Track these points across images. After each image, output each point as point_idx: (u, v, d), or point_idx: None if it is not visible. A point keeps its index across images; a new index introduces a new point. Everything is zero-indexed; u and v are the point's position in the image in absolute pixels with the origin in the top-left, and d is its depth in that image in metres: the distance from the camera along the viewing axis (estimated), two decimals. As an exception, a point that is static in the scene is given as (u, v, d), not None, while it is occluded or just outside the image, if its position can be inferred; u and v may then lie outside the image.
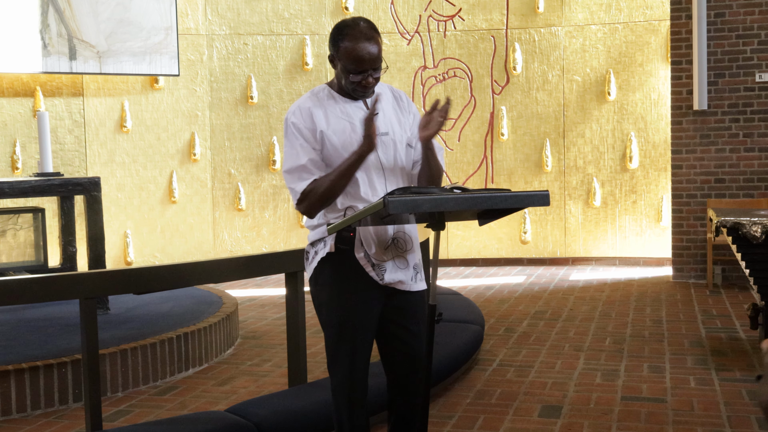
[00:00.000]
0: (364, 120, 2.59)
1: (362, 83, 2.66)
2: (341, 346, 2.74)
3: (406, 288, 2.77)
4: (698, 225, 7.61)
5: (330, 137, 2.68)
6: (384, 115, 2.76)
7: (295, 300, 4.24)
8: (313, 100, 2.73)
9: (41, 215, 6.30)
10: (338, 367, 2.75)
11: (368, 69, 2.64)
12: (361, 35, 2.63)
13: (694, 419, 3.93)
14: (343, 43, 2.64)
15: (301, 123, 2.69)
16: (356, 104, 2.75)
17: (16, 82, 7.85)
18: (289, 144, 2.70)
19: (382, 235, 2.71)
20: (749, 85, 7.42)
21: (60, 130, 8.03)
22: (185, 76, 8.54)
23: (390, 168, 2.74)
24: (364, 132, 2.60)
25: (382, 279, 2.72)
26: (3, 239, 6.22)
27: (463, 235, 8.95)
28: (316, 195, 2.65)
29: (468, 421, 4.01)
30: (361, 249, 2.70)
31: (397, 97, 2.86)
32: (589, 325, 5.94)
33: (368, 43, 2.63)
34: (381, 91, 2.82)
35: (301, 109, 2.71)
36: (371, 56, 2.63)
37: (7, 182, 5.38)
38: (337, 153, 2.68)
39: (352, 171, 2.64)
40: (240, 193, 8.78)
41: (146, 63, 8.14)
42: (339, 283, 2.73)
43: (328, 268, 2.74)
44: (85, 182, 5.65)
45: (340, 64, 2.67)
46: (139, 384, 4.68)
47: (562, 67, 8.69)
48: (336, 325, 2.74)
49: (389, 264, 2.73)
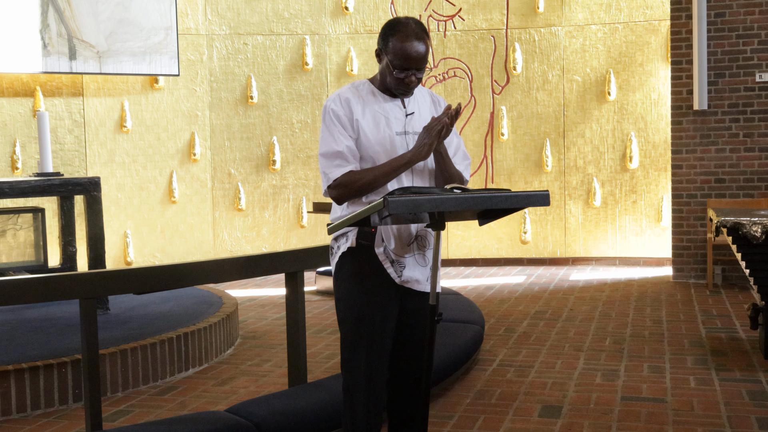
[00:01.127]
0: (426, 128, 2.64)
1: (405, 81, 2.71)
2: (358, 343, 2.73)
3: (421, 288, 2.77)
4: (698, 225, 7.61)
5: (364, 129, 2.71)
6: (420, 115, 2.80)
7: (295, 300, 4.24)
8: (352, 92, 2.78)
9: (41, 215, 6.30)
10: (354, 364, 2.74)
11: (413, 68, 2.69)
12: (412, 33, 2.68)
13: (694, 419, 3.93)
14: (393, 40, 2.69)
15: (340, 110, 2.72)
16: (394, 102, 2.79)
17: (16, 82, 7.85)
18: (327, 130, 2.73)
19: (403, 231, 2.72)
20: (749, 85, 7.42)
21: (60, 130, 8.03)
22: (185, 76, 8.54)
23: (419, 169, 2.77)
24: (425, 139, 2.64)
25: (400, 276, 2.72)
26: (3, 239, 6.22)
27: (463, 235, 8.95)
28: (353, 187, 2.67)
29: (468, 421, 4.00)
30: (381, 244, 2.71)
31: (436, 102, 2.91)
32: (589, 325, 5.94)
33: (417, 42, 2.68)
34: (421, 93, 2.87)
35: (341, 97, 2.76)
36: (418, 55, 2.68)
37: (7, 182, 5.38)
38: (370, 145, 2.71)
39: (398, 173, 2.68)
40: (240, 193, 8.78)
41: (146, 63, 8.14)
42: (358, 278, 2.73)
43: (348, 263, 2.75)
44: (85, 182, 5.65)
45: (387, 59, 2.71)
46: (139, 384, 4.68)
47: (562, 67, 8.69)
48: (353, 321, 2.73)
49: (410, 260, 2.74)
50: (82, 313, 3.59)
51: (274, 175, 8.85)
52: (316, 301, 6.84)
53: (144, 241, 8.46)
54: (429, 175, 2.81)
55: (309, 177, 8.90)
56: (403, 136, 2.74)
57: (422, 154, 2.66)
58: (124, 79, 8.30)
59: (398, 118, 2.76)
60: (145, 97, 8.44)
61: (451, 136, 2.85)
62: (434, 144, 2.65)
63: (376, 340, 2.72)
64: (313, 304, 6.64)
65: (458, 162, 2.85)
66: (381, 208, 2.39)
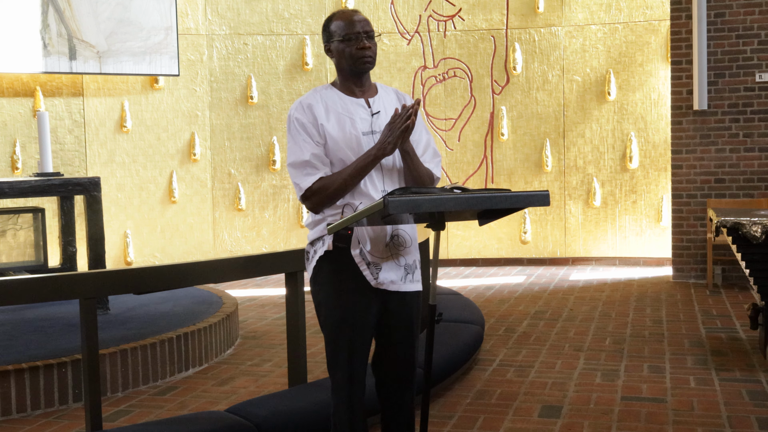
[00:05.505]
0: (389, 125, 2.64)
1: (361, 47, 2.72)
2: (339, 346, 2.73)
3: (396, 288, 2.76)
4: (698, 225, 7.61)
5: (330, 132, 2.70)
6: (386, 114, 2.78)
7: (295, 300, 4.24)
8: (314, 97, 2.77)
9: (41, 215, 6.30)
10: (337, 367, 2.75)
11: (361, 31, 2.73)
12: (347, 10, 2.80)
13: (694, 419, 3.93)
14: (333, 23, 2.77)
15: (304, 118, 2.71)
16: (357, 101, 2.77)
17: (16, 82, 7.85)
18: (292, 139, 2.73)
19: (378, 232, 2.71)
20: (749, 85, 7.42)
21: (60, 130, 8.03)
22: (185, 76, 8.54)
23: (388, 167, 2.75)
24: (388, 137, 2.64)
25: (376, 278, 2.71)
26: (3, 239, 6.22)
27: (463, 235, 8.95)
28: (326, 193, 2.67)
29: (468, 421, 4.00)
30: (357, 246, 2.70)
31: (401, 98, 2.89)
32: (589, 325, 5.95)
33: (354, 12, 2.79)
34: (386, 92, 2.86)
35: (303, 104, 2.75)
36: (361, 18, 2.76)
37: (7, 182, 5.38)
38: (337, 147, 2.69)
39: (366, 171, 2.67)
40: (240, 193, 8.78)
41: (146, 63, 8.14)
42: (337, 282, 2.73)
43: (326, 266, 2.74)
44: (85, 182, 5.65)
45: (336, 42, 2.75)
46: (139, 384, 4.68)
47: (562, 67, 8.69)
48: (334, 325, 2.74)
49: (386, 263, 2.73)
50: (82, 313, 3.59)
51: (274, 175, 8.86)
52: (316, 301, 6.83)
53: (144, 241, 8.47)
54: (399, 174, 2.79)
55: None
56: (370, 136, 2.72)
57: (387, 151, 2.65)
58: (124, 79, 8.30)
59: (363, 118, 2.74)
60: (145, 97, 8.44)
61: (420, 134, 2.83)
62: (398, 142, 2.64)
63: (356, 342, 2.72)
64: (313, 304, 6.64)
65: (428, 160, 2.82)
66: (381, 209, 2.38)
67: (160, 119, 8.49)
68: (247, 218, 8.83)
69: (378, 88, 2.84)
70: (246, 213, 8.82)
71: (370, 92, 2.81)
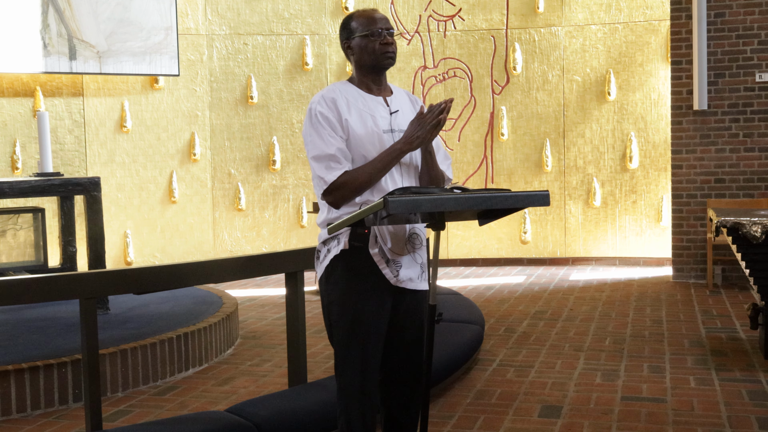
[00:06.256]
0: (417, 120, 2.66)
1: (384, 41, 2.76)
2: (353, 345, 2.71)
3: (414, 286, 2.76)
4: (698, 225, 7.61)
5: (353, 127, 2.70)
6: (403, 113, 2.81)
7: (295, 300, 4.24)
8: (336, 92, 2.77)
9: (41, 215, 6.30)
10: (349, 366, 2.73)
11: (383, 27, 2.77)
12: (367, 9, 2.85)
13: (694, 419, 3.93)
14: (354, 21, 2.81)
15: (328, 112, 2.70)
16: (377, 99, 2.79)
17: (16, 82, 7.85)
18: (316, 133, 2.70)
19: (399, 229, 2.72)
20: (749, 85, 7.42)
21: (60, 130, 8.03)
22: (185, 76, 8.54)
23: (407, 164, 2.77)
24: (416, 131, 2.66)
25: (396, 275, 2.71)
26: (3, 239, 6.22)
27: (463, 235, 8.95)
28: (351, 187, 2.66)
29: (468, 421, 4.00)
30: (376, 245, 2.69)
31: (413, 101, 2.92)
32: (589, 325, 5.95)
33: (375, 11, 2.83)
34: (400, 93, 2.89)
35: (326, 98, 2.74)
36: (382, 17, 2.80)
37: (7, 182, 5.38)
38: (361, 144, 2.69)
39: (391, 166, 2.68)
40: (240, 193, 8.78)
41: (146, 63, 8.14)
42: (352, 281, 2.71)
43: (341, 265, 2.72)
44: (85, 182, 5.65)
45: (358, 38, 2.77)
46: (139, 384, 4.68)
47: (562, 67, 8.69)
48: (348, 324, 2.72)
49: (405, 259, 2.73)
50: (82, 313, 3.59)
51: (274, 175, 8.86)
52: (316, 301, 6.83)
53: (144, 241, 8.47)
54: (415, 172, 2.80)
55: (309, 177, 8.89)
56: (390, 134, 2.73)
57: (413, 145, 2.66)
58: (124, 79, 8.30)
59: (383, 116, 2.76)
60: (145, 97, 8.44)
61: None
62: (428, 138, 2.65)
63: (370, 342, 2.71)
64: (313, 304, 6.64)
65: (440, 161, 2.84)
66: (380, 209, 2.38)
67: (160, 119, 8.49)
68: (247, 218, 8.83)
69: (392, 89, 2.87)
70: (246, 213, 8.82)
71: (387, 91, 2.84)
